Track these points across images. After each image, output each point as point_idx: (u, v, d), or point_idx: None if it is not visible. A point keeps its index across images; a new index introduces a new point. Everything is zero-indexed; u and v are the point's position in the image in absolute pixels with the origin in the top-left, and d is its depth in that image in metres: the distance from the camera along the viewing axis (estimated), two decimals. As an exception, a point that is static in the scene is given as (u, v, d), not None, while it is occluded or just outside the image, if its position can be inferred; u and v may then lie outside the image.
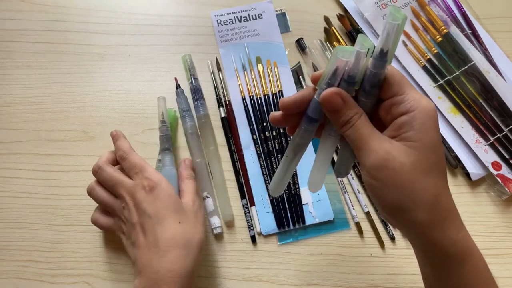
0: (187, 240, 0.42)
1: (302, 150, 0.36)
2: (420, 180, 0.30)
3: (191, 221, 0.44)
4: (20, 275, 0.50)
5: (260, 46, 0.61)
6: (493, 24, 0.62)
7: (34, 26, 0.63)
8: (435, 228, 0.30)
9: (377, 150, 0.30)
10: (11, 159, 0.55)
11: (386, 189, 0.30)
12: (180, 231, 0.42)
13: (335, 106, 0.31)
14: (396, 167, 0.30)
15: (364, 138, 0.31)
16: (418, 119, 0.30)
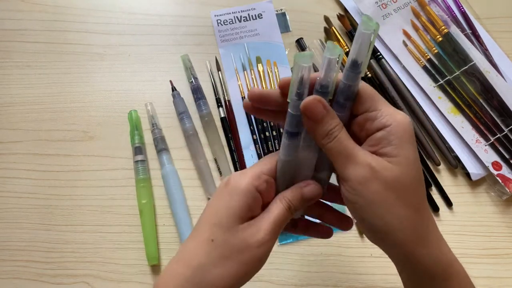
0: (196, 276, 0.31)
1: (291, 168, 0.33)
2: (404, 197, 0.29)
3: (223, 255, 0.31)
4: (20, 275, 0.50)
5: (260, 46, 0.61)
6: (493, 24, 0.62)
7: (34, 26, 0.62)
8: (420, 246, 0.30)
9: (362, 164, 0.29)
10: (11, 159, 0.55)
11: (370, 207, 0.29)
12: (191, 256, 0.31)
13: (317, 114, 0.29)
14: (381, 182, 0.28)
15: (349, 150, 0.29)
16: (395, 133, 0.29)
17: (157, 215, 0.52)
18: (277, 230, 0.32)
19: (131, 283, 0.50)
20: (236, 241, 0.31)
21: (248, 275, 0.32)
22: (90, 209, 0.53)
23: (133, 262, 0.50)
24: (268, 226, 0.31)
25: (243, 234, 0.31)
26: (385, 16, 0.60)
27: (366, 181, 0.29)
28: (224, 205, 0.31)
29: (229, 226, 0.31)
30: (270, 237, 0.31)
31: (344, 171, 0.29)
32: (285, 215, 0.32)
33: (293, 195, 0.32)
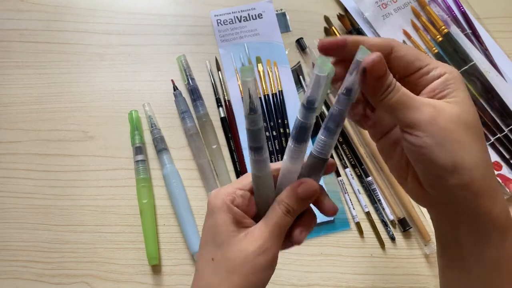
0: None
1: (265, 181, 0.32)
2: (472, 133, 0.29)
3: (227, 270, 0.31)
4: (20, 275, 0.50)
5: (260, 46, 0.61)
6: (494, 24, 0.61)
7: (34, 26, 0.62)
8: (486, 194, 0.29)
9: (427, 105, 0.29)
10: (11, 159, 0.55)
11: (442, 145, 0.28)
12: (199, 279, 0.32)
13: (384, 69, 0.28)
14: (448, 119, 0.28)
15: (412, 97, 0.29)
16: (451, 79, 0.30)
17: (157, 215, 0.52)
18: (278, 235, 0.31)
19: (131, 283, 0.50)
20: (235, 254, 0.31)
21: (258, 284, 0.31)
22: (90, 209, 0.53)
23: (133, 262, 0.50)
24: (266, 232, 0.31)
25: (240, 245, 0.31)
26: (385, 16, 0.60)
27: (434, 119, 0.28)
28: (211, 225, 0.32)
29: (223, 242, 0.31)
30: (271, 243, 0.31)
31: (410, 117, 0.29)
32: (283, 218, 0.32)
33: (289, 196, 0.32)
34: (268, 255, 0.31)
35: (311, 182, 0.31)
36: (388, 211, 0.52)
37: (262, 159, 0.30)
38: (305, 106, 0.29)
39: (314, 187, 0.31)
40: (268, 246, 0.31)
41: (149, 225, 0.51)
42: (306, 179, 0.31)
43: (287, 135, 0.55)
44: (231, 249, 0.31)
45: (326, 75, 0.27)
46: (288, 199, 0.32)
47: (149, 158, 0.55)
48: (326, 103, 0.58)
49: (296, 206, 0.32)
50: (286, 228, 0.32)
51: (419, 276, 0.49)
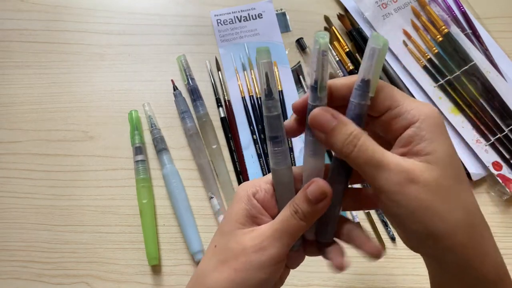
0: (197, 281, 0.31)
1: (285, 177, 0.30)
2: (450, 199, 0.26)
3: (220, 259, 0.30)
4: (19, 276, 0.50)
5: (260, 46, 0.61)
6: (494, 24, 0.61)
7: (34, 26, 0.62)
8: (471, 254, 0.26)
9: (395, 170, 0.25)
10: (11, 159, 0.55)
11: (413, 215, 0.26)
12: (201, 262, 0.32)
13: (326, 125, 0.26)
14: (421, 187, 0.25)
15: (377, 156, 0.26)
16: (426, 127, 0.26)
17: (157, 215, 0.52)
18: (281, 236, 0.29)
19: (131, 283, 0.50)
20: (233, 245, 0.29)
21: (246, 282, 0.29)
22: (90, 209, 0.53)
23: (133, 262, 0.50)
24: (268, 231, 0.29)
25: (242, 238, 0.29)
26: (385, 16, 0.60)
27: (403, 189, 0.25)
28: (228, 213, 0.31)
29: (229, 231, 0.30)
30: (271, 242, 0.29)
31: (376, 182, 0.26)
32: (290, 219, 0.29)
33: (299, 197, 0.29)
34: (264, 255, 0.29)
35: (320, 182, 0.28)
36: (388, 211, 0.52)
37: (279, 151, 0.28)
38: (360, 85, 0.26)
39: (322, 187, 0.28)
40: (266, 245, 0.29)
41: (149, 225, 0.51)
42: (317, 179, 0.29)
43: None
44: (232, 240, 0.30)
45: (381, 47, 0.25)
46: (298, 199, 0.29)
47: (149, 158, 0.55)
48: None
49: (305, 208, 0.28)
50: (294, 231, 0.29)
51: (419, 276, 0.49)
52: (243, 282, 0.29)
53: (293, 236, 0.29)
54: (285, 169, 0.29)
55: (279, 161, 0.29)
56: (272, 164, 0.29)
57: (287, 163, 0.29)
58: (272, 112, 0.26)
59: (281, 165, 0.29)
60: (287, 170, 0.29)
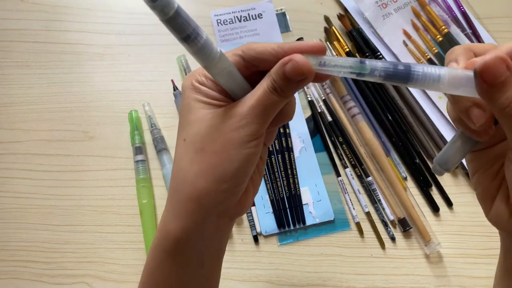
0: (177, 183, 0.28)
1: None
2: None
3: (195, 149, 0.27)
4: (19, 275, 0.50)
5: (260, 46, 0.61)
6: (494, 24, 0.61)
7: (33, 26, 0.62)
8: None
9: None
10: (11, 159, 0.55)
11: None
12: (173, 166, 0.29)
13: (501, 75, 0.23)
14: None
15: None
16: None
17: (157, 215, 0.52)
18: (261, 113, 0.26)
19: (131, 283, 0.50)
20: (205, 130, 0.27)
21: (230, 162, 0.26)
22: (90, 209, 0.53)
23: (133, 262, 0.50)
24: (245, 107, 0.26)
25: (212, 121, 0.27)
26: (385, 16, 0.60)
27: None
28: (183, 106, 0.28)
29: (195, 120, 0.27)
30: (251, 120, 0.26)
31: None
32: (269, 96, 0.26)
33: (277, 73, 0.26)
34: (245, 130, 0.26)
35: (299, 60, 0.25)
36: (388, 211, 0.52)
37: (201, 46, 0.24)
38: None
39: (302, 66, 0.25)
40: (246, 123, 0.26)
41: (149, 225, 0.51)
42: (295, 56, 0.25)
43: (287, 134, 0.55)
44: (201, 126, 0.27)
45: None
46: (276, 75, 0.26)
47: (149, 158, 0.55)
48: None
49: (282, 84, 0.26)
50: (273, 107, 0.27)
51: (419, 276, 0.49)
52: (228, 162, 0.26)
53: (273, 111, 0.27)
54: (219, 61, 0.25)
55: (207, 56, 0.24)
56: (202, 63, 0.25)
57: (215, 54, 0.25)
58: (167, 14, 0.21)
59: (213, 61, 0.25)
60: (222, 61, 0.26)
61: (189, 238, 0.28)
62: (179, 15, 0.22)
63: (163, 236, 0.29)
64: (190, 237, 0.28)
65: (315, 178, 0.54)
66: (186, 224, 0.28)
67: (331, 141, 0.56)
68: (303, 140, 0.55)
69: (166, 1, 0.21)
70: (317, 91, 0.58)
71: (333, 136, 0.56)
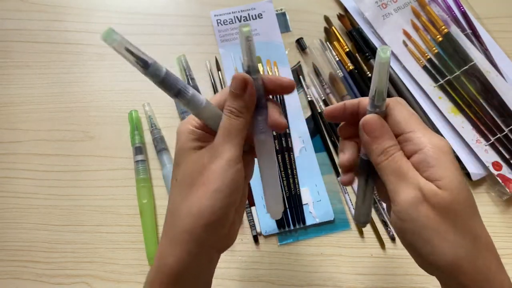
0: (173, 218, 0.31)
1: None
2: (458, 224, 0.27)
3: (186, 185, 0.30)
4: (19, 275, 0.50)
5: (260, 46, 0.61)
6: (494, 24, 0.61)
7: (33, 26, 0.62)
8: (479, 280, 0.27)
9: (414, 186, 0.27)
10: (11, 159, 0.55)
11: (422, 233, 0.27)
12: (168, 205, 0.32)
13: (376, 131, 0.29)
14: (432, 207, 0.27)
15: (402, 171, 0.28)
16: (432, 155, 0.28)
17: (157, 215, 0.52)
18: (230, 139, 0.30)
19: (131, 283, 0.50)
20: (193, 167, 0.30)
21: (220, 191, 0.29)
22: (90, 209, 0.53)
23: (133, 262, 0.50)
24: (216, 140, 0.30)
25: (197, 158, 0.30)
26: (385, 16, 0.60)
27: (417, 204, 0.27)
28: (176, 150, 0.32)
29: (183, 160, 0.30)
30: (222, 148, 0.30)
31: (395, 192, 0.28)
32: (229, 120, 0.30)
33: (228, 99, 0.30)
34: (222, 160, 0.29)
35: (237, 75, 0.30)
36: (388, 211, 0.52)
37: (190, 98, 0.29)
38: (372, 96, 0.29)
39: (241, 76, 0.30)
40: (219, 151, 0.29)
41: (149, 225, 0.51)
42: (234, 75, 0.30)
43: (287, 135, 0.55)
44: (188, 165, 0.30)
45: (385, 60, 0.27)
46: (228, 101, 0.30)
47: (149, 158, 0.55)
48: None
49: (236, 103, 0.30)
50: (238, 130, 0.30)
51: (419, 276, 0.49)
52: (217, 191, 0.29)
53: (239, 134, 0.30)
54: (204, 108, 0.30)
55: (195, 105, 0.29)
56: (192, 111, 0.30)
57: (202, 103, 0.30)
58: (159, 77, 0.27)
59: (199, 107, 0.30)
60: (206, 108, 0.30)
61: (185, 270, 0.30)
62: (169, 76, 0.27)
63: (160, 270, 0.30)
64: (186, 268, 0.30)
65: (315, 178, 0.54)
66: (182, 255, 0.30)
67: (331, 141, 0.56)
68: (303, 140, 0.56)
69: (156, 67, 0.27)
70: (317, 91, 0.58)
71: (333, 136, 0.56)
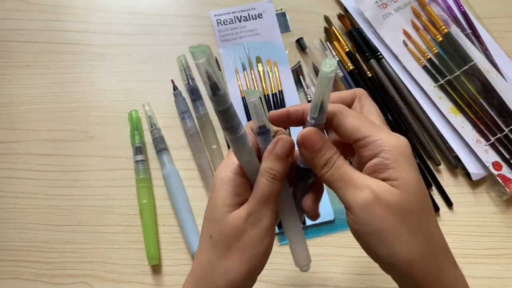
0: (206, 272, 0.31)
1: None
2: (412, 223, 0.27)
3: (223, 247, 0.31)
4: (19, 276, 0.50)
5: (260, 46, 0.61)
6: (494, 23, 0.61)
7: (33, 26, 0.62)
8: (433, 280, 0.28)
9: (363, 188, 0.27)
10: (11, 159, 0.55)
11: (375, 235, 0.27)
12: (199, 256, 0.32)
13: (315, 145, 0.29)
14: (384, 207, 0.27)
15: (348, 175, 0.28)
16: (391, 157, 0.27)
17: (157, 215, 0.52)
18: (268, 206, 0.30)
19: (131, 283, 0.50)
20: (229, 232, 0.30)
21: (255, 259, 0.31)
22: (90, 209, 0.53)
23: (133, 262, 0.50)
24: (254, 205, 0.30)
25: (233, 221, 0.30)
26: (385, 16, 0.60)
27: (368, 206, 0.27)
28: (213, 199, 0.31)
29: (221, 218, 0.31)
30: (262, 215, 0.30)
31: (346, 198, 0.28)
32: (268, 185, 0.30)
33: (267, 161, 0.30)
34: (259, 228, 0.30)
35: (284, 139, 0.30)
36: (388, 211, 0.52)
37: (238, 137, 0.29)
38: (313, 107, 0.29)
39: (288, 143, 0.30)
40: (259, 218, 0.30)
41: (149, 225, 0.51)
42: (281, 137, 0.30)
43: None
44: (225, 226, 0.30)
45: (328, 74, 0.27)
46: (268, 164, 0.30)
47: (149, 158, 0.55)
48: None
49: (276, 166, 0.30)
50: (276, 195, 0.31)
51: (419, 276, 0.49)
52: (253, 258, 0.30)
53: (277, 200, 0.31)
54: (247, 152, 0.30)
55: (241, 145, 0.29)
56: (234, 150, 0.30)
57: (247, 145, 0.30)
58: (222, 107, 0.26)
59: (244, 149, 0.30)
60: (249, 152, 0.30)
61: None
62: (230, 110, 0.27)
63: None
64: None
65: (315, 178, 0.54)
66: None
67: (331, 141, 0.56)
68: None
69: (225, 97, 0.26)
70: (317, 91, 0.58)
71: (333, 136, 0.56)
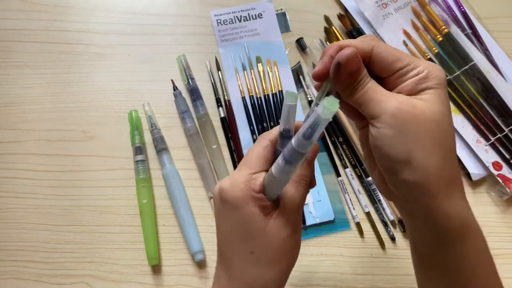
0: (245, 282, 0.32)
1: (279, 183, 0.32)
2: (434, 134, 0.28)
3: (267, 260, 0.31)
4: (19, 276, 0.50)
5: (260, 45, 0.61)
6: (494, 23, 0.61)
7: (33, 26, 0.62)
8: (442, 195, 0.28)
9: (390, 98, 0.29)
10: (10, 159, 0.55)
11: (399, 137, 0.28)
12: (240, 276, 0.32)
13: (358, 64, 0.29)
14: (411, 114, 0.28)
15: (377, 89, 0.29)
16: (428, 78, 0.29)
17: (157, 215, 0.52)
18: (299, 211, 0.32)
19: (131, 283, 0.50)
20: (273, 244, 0.31)
21: (293, 264, 0.33)
22: (90, 209, 0.53)
23: (133, 262, 0.50)
24: (293, 215, 0.32)
25: (275, 233, 0.31)
26: (385, 16, 0.60)
27: (395, 111, 0.28)
28: (238, 220, 0.31)
29: (259, 234, 0.31)
30: (298, 223, 0.32)
31: (374, 109, 0.29)
32: (301, 191, 0.32)
33: (304, 169, 0.32)
34: (298, 235, 0.32)
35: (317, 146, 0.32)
36: (388, 211, 0.52)
37: (290, 170, 0.30)
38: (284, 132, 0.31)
39: (317, 148, 0.33)
40: (295, 224, 0.32)
41: (149, 225, 0.51)
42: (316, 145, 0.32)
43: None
44: (268, 239, 0.31)
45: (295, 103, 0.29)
46: (301, 173, 0.32)
47: (149, 158, 0.55)
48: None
49: (306, 173, 0.32)
50: (304, 199, 0.33)
51: (419, 276, 0.49)
52: (291, 264, 0.33)
53: (304, 202, 0.33)
54: (286, 180, 0.31)
55: (286, 175, 0.30)
56: (277, 175, 0.30)
57: (289, 178, 0.31)
58: (304, 150, 0.28)
59: (284, 178, 0.30)
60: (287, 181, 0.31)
61: None
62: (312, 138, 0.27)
63: None
64: None
65: (315, 178, 0.54)
66: None
67: (331, 141, 0.56)
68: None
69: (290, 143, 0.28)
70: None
71: (333, 136, 0.56)
